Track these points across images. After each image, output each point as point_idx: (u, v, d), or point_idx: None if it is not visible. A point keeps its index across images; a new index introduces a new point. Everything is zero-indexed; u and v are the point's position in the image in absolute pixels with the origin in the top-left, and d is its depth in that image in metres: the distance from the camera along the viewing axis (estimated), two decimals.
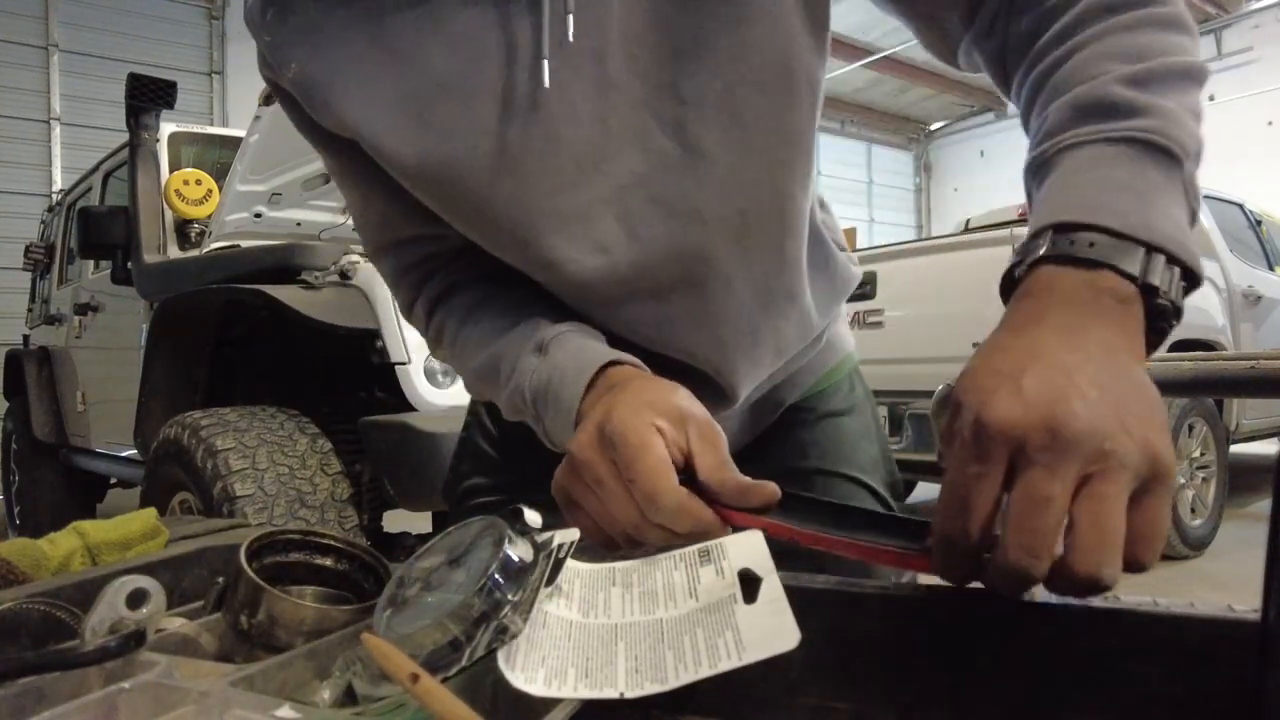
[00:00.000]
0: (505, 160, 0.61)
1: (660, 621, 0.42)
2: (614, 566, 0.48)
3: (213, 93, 8.57)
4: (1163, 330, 0.45)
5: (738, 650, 0.38)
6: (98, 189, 4.15)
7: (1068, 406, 0.38)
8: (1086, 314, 0.42)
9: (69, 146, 7.75)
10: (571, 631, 0.42)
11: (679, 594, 0.44)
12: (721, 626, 0.40)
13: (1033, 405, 0.38)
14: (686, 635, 0.41)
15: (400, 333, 2.40)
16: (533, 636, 0.41)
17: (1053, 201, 0.47)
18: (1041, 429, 0.38)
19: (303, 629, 0.47)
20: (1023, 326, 0.43)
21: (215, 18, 8.57)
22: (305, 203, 3.24)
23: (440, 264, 0.72)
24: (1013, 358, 0.41)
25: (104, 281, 3.74)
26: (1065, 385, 0.39)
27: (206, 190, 3.35)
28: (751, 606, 0.41)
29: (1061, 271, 0.44)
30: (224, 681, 0.39)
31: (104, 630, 0.43)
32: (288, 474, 2.33)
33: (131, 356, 3.29)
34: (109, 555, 0.64)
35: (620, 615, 0.44)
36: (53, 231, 5.02)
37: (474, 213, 0.64)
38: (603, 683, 0.38)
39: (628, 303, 0.66)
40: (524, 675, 0.38)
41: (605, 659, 0.40)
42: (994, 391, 0.40)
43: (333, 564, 0.54)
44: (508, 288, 0.70)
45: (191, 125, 4.07)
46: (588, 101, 0.60)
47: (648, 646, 0.40)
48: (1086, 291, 0.43)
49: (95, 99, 7.65)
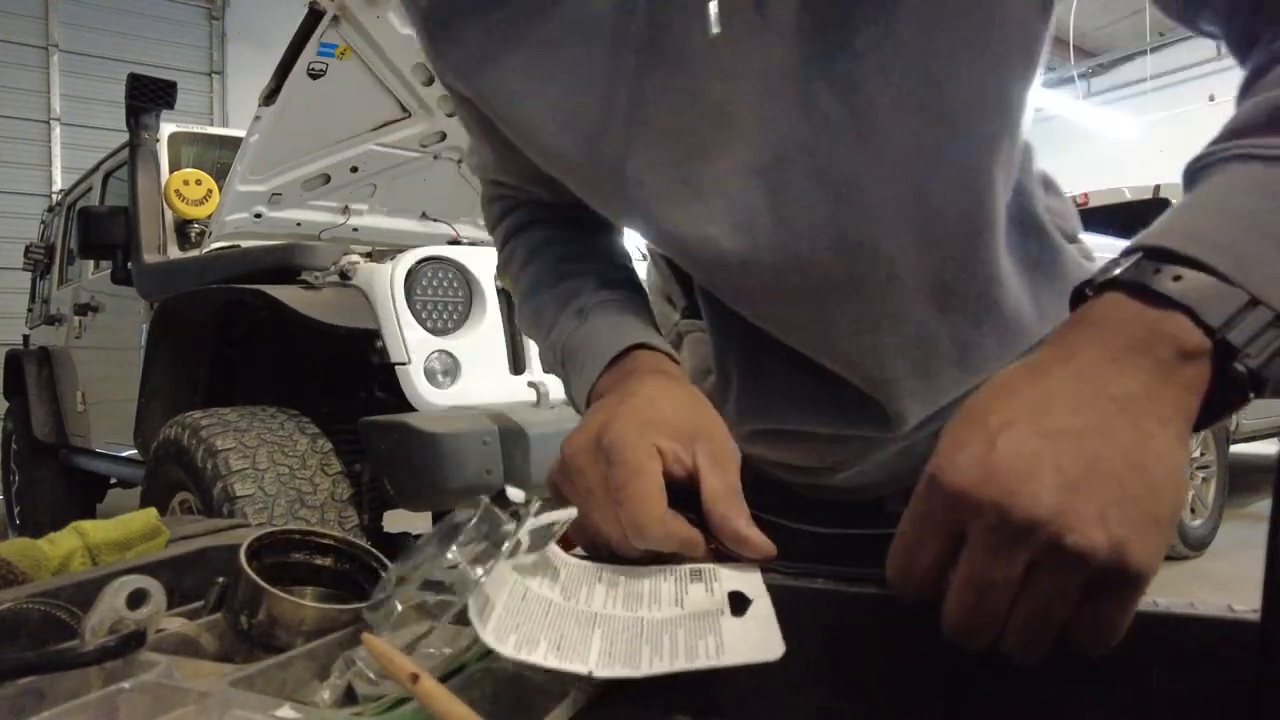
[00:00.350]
0: (639, 113, 0.53)
1: (641, 620, 0.42)
2: (602, 566, 0.48)
3: (213, 93, 8.56)
4: (1231, 403, 0.37)
5: (718, 652, 0.38)
6: (98, 189, 4.15)
7: (1032, 486, 0.33)
8: (1125, 362, 0.36)
9: (69, 146, 7.75)
10: (550, 610, 0.42)
11: (665, 600, 0.44)
12: (704, 631, 0.40)
13: (994, 475, 0.34)
14: (667, 634, 0.40)
15: (400, 332, 2.40)
16: (510, 604, 0.41)
17: (1167, 220, 0.40)
18: (993, 507, 0.34)
19: (303, 629, 0.47)
20: (1045, 366, 0.38)
21: (215, 18, 8.56)
22: (305, 203, 3.24)
23: (525, 203, 0.73)
24: (1006, 407, 0.37)
25: (104, 281, 3.74)
26: (1042, 458, 0.34)
27: (206, 190, 3.35)
28: (738, 619, 0.41)
29: (1127, 304, 0.38)
30: (224, 682, 0.39)
31: (104, 630, 0.43)
32: (288, 474, 2.33)
33: (131, 356, 3.29)
34: (109, 555, 0.64)
35: (601, 607, 0.43)
36: (53, 232, 5.02)
37: (605, 183, 0.57)
38: (573, 658, 0.38)
39: (770, 295, 0.57)
40: (494, 634, 0.38)
41: (580, 638, 0.40)
42: (964, 447, 0.36)
43: (333, 564, 0.54)
44: (579, 235, 0.69)
45: (191, 125, 4.07)
46: (740, 52, 0.51)
47: (625, 639, 0.40)
48: (1141, 333, 0.37)
49: (95, 99, 7.64)
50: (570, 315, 0.63)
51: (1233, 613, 0.40)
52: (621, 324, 0.60)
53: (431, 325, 2.48)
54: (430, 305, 2.49)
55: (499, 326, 2.58)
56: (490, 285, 2.58)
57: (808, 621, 0.44)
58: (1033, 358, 0.39)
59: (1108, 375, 0.36)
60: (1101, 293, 0.39)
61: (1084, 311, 0.40)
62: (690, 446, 0.49)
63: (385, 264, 2.49)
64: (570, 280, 0.65)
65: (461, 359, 2.48)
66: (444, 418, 2.33)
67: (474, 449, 2.26)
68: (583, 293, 0.63)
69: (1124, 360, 0.36)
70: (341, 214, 3.36)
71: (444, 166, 3.35)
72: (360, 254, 2.59)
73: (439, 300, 2.51)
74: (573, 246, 0.69)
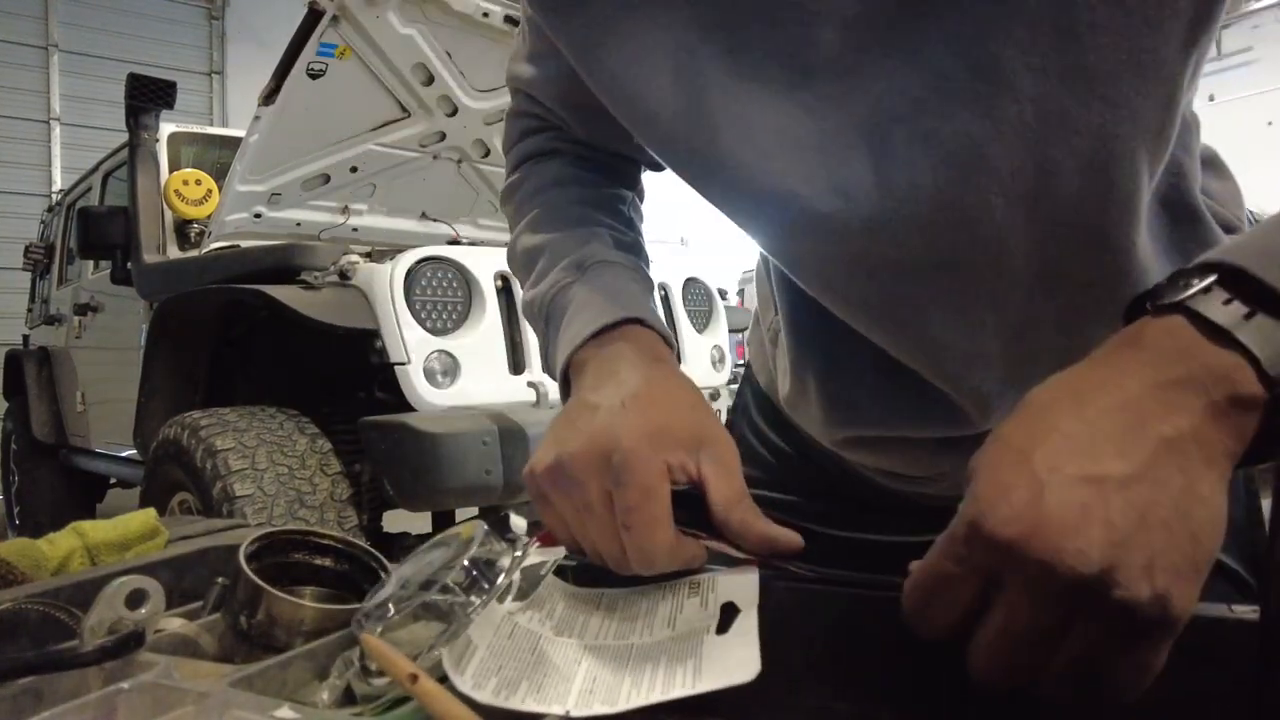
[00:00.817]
0: (740, 61, 0.48)
1: (630, 647, 0.43)
2: (603, 592, 0.48)
3: (212, 93, 8.56)
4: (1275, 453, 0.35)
5: (694, 679, 0.38)
6: (97, 189, 4.14)
7: (1080, 543, 0.32)
8: (1176, 398, 0.34)
9: (68, 146, 7.75)
10: (538, 645, 0.42)
11: (657, 623, 0.44)
12: (686, 655, 0.40)
13: (1041, 529, 0.32)
14: (649, 661, 0.41)
15: (399, 332, 2.40)
16: (495, 645, 0.41)
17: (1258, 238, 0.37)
18: (1039, 564, 0.32)
19: (302, 629, 0.47)
20: (1090, 392, 0.36)
21: (215, 18, 8.56)
22: (305, 203, 3.24)
23: (552, 128, 0.68)
24: (1050, 447, 0.34)
25: (104, 282, 3.73)
26: (1090, 511, 0.32)
27: (206, 190, 3.35)
28: (721, 637, 0.41)
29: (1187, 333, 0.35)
30: (223, 682, 0.39)
31: (103, 631, 0.43)
32: (287, 474, 2.33)
33: (131, 356, 3.29)
34: (108, 555, 0.64)
35: (594, 638, 0.44)
36: (52, 231, 5.01)
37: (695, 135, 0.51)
38: (552, 699, 0.38)
39: (859, 270, 0.51)
40: (472, 680, 0.38)
41: (563, 676, 0.40)
42: (1008, 493, 0.33)
43: (332, 564, 0.54)
44: (600, 182, 0.65)
45: (191, 125, 4.07)
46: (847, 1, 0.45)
47: (609, 671, 0.40)
48: (1198, 370, 0.34)
49: (95, 99, 7.64)
50: (568, 267, 0.58)
51: (1232, 613, 0.40)
52: (621, 292, 0.56)
53: (431, 325, 2.48)
54: (430, 305, 2.49)
55: (498, 326, 2.58)
56: (490, 285, 2.58)
57: (808, 621, 0.44)
58: (1075, 376, 0.37)
59: (1157, 412, 0.34)
60: (1161, 314, 0.36)
61: (1139, 330, 0.37)
62: (695, 453, 0.47)
63: (385, 264, 2.49)
64: (578, 229, 0.61)
65: (461, 359, 2.48)
66: (443, 418, 2.33)
67: (473, 449, 2.26)
68: (586, 245, 0.59)
69: (1175, 396, 0.34)
70: (341, 214, 3.36)
71: (444, 166, 3.35)
72: (360, 254, 2.59)
73: (438, 300, 2.51)
74: (590, 192, 0.65)
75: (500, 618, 0.43)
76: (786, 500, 0.73)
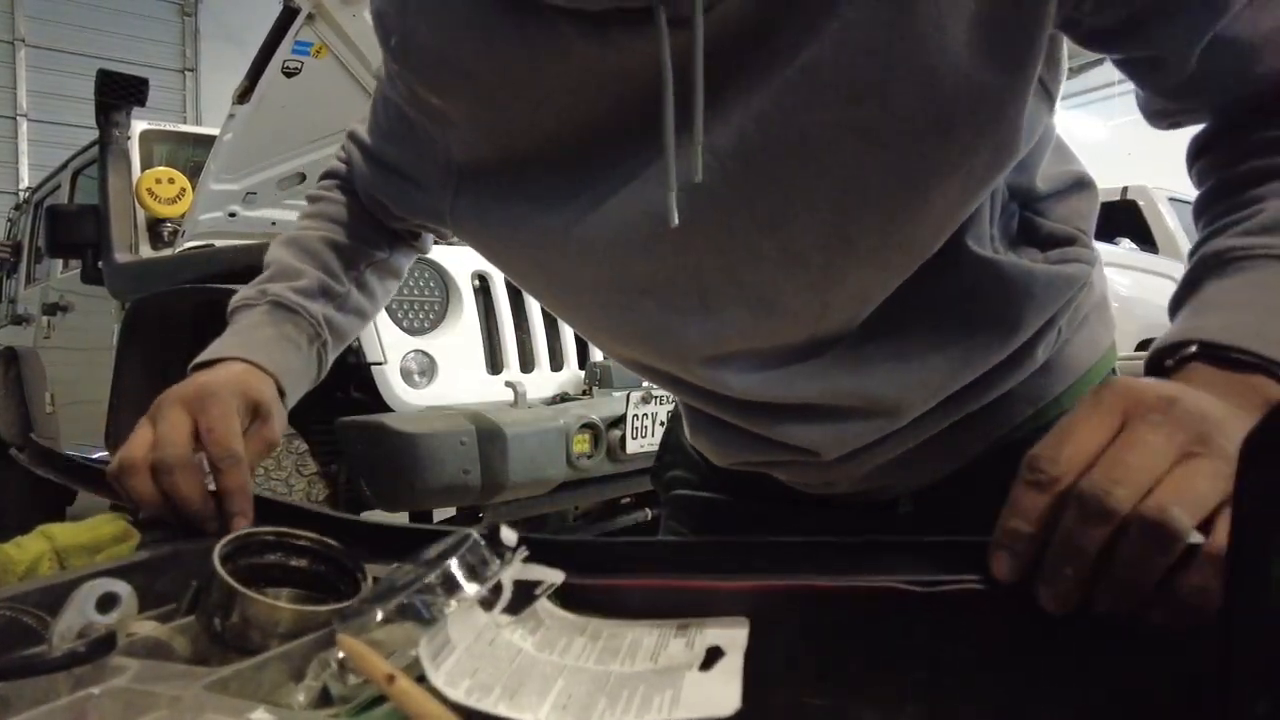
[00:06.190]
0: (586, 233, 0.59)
1: (610, 673, 0.42)
2: (589, 620, 0.48)
3: (185, 90, 8.47)
4: None
5: (670, 707, 0.38)
6: (66, 187, 4.08)
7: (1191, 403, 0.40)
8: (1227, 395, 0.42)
9: (36, 143, 7.63)
10: (517, 659, 0.42)
11: (640, 655, 0.44)
12: (665, 686, 0.40)
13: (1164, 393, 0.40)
14: (627, 689, 0.41)
15: (376, 332, 2.38)
16: (474, 648, 0.41)
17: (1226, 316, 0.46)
18: (1161, 402, 0.40)
19: (277, 631, 0.46)
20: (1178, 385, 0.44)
21: (188, 14, 8.46)
22: (280, 202, 3.21)
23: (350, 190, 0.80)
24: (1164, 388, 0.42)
25: (73, 281, 3.68)
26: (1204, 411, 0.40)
27: (179, 189, 3.31)
28: (704, 674, 0.41)
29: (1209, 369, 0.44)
30: (197, 685, 0.39)
31: (72, 635, 0.43)
32: (263, 474, 2.31)
33: (102, 357, 3.24)
34: (78, 559, 0.63)
35: (574, 659, 0.44)
36: (20, 230, 4.93)
37: None
38: (525, 709, 0.38)
39: None
40: (446, 677, 0.38)
41: (538, 690, 0.40)
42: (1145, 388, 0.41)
43: (308, 565, 0.54)
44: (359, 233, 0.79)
45: (164, 123, 4.02)
46: None
47: (586, 691, 0.40)
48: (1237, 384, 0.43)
49: (63, 95, 7.54)
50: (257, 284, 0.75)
51: None
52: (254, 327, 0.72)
53: (408, 325, 2.46)
54: (406, 305, 2.47)
55: (476, 326, 2.57)
56: (467, 285, 2.57)
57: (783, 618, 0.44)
58: None
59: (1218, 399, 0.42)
60: (1182, 366, 0.45)
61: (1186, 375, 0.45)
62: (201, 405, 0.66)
63: None
64: (305, 261, 0.76)
65: (438, 359, 2.47)
66: (421, 418, 2.32)
67: (451, 449, 2.25)
68: (288, 280, 0.75)
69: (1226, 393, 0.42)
70: None
71: None
72: None
73: (415, 300, 2.50)
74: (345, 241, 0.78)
75: (483, 624, 0.43)
76: (721, 500, 0.79)
